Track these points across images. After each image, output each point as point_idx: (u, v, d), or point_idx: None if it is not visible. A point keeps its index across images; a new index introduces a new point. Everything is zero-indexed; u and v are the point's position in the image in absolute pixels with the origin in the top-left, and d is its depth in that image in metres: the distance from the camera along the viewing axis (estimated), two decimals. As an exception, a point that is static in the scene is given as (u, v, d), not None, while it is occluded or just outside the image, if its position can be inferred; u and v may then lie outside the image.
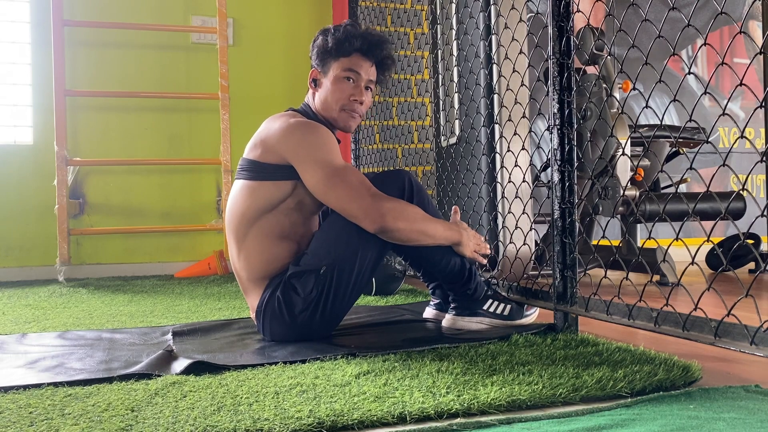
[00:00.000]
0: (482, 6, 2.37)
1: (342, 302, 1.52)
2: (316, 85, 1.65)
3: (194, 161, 3.73)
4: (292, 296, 1.50)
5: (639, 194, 2.68)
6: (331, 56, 1.62)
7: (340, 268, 1.49)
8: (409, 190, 1.58)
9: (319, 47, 1.64)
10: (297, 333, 1.52)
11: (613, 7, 1.53)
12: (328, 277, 1.48)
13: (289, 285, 1.50)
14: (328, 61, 1.63)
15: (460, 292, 1.68)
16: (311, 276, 1.49)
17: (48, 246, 3.49)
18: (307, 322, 1.51)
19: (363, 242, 1.50)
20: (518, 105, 2.05)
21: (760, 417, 0.95)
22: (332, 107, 1.62)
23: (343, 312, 1.55)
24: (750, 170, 1.20)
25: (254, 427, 0.92)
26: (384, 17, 3.75)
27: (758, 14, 4.36)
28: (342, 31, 1.61)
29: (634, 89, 1.45)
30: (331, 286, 1.49)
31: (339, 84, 1.61)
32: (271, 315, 1.52)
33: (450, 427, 0.93)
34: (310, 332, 1.53)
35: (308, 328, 1.52)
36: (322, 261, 1.49)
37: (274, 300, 1.51)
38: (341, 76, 1.61)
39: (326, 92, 1.62)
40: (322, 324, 1.53)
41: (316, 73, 1.65)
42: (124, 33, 3.69)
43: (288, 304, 1.50)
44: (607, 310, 1.45)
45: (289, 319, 1.50)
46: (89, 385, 1.19)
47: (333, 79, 1.61)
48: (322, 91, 1.63)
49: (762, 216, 1.05)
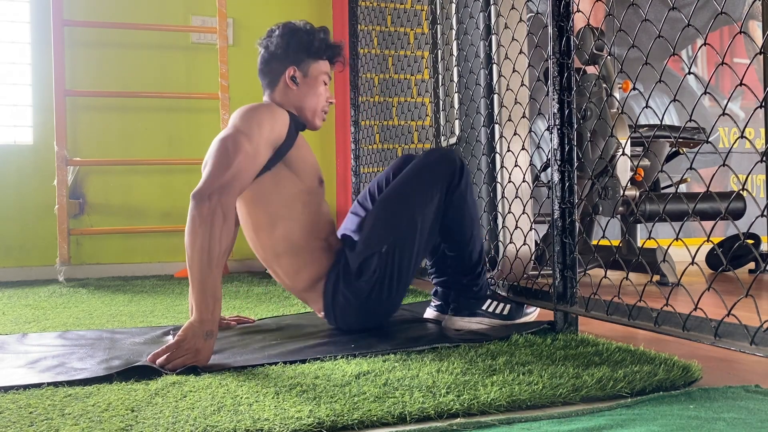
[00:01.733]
0: (482, 6, 2.37)
1: (406, 276, 1.59)
2: (295, 83, 1.66)
3: (194, 161, 3.72)
4: (356, 285, 1.55)
5: (639, 194, 2.68)
6: (311, 57, 1.66)
7: (401, 246, 1.55)
8: (459, 173, 1.60)
9: (298, 44, 1.65)
10: (370, 316, 1.61)
11: (613, 7, 1.53)
12: (390, 254, 1.55)
13: (351, 274, 1.55)
14: (305, 61, 1.66)
15: (466, 287, 1.69)
16: (373, 258, 1.54)
17: (48, 246, 3.49)
18: (377, 301, 1.57)
19: (421, 216, 1.56)
20: (518, 105, 2.05)
21: (760, 417, 0.95)
22: (315, 107, 1.67)
23: (407, 286, 1.61)
24: (750, 170, 1.20)
25: (254, 427, 0.92)
26: (384, 17, 3.75)
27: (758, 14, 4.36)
28: (321, 38, 1.67)
29: (634, 89, 1.45)
30: (394, 263, 1.55)
31: (319, 87, 1.67)
32: (341, 311, 1.59)
33: (450, 427, 0.93)
34: (381, 311, 1.61)
35: (380, 308, 1.60)
36: (382, 241, 1.55)
37: (339, 296, 1.57)
38: (321, 79, 1.67)
39: (308, 92, 1.66)
40: (390, 301, 1.59)
41: (294, 70, 1.65)
42: (124, 33, 3.69)
43: (355, 293, 1.56)
44: (607, 310, 1.45)
45: (357, 305, 1.57)
46: (89, 385, 1.19)
47: (315, 80, 1.67)
48: (302, 90, 1.66)
49: (762, 216, 1.05)
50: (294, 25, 1.69)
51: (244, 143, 1.45)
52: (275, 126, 1.52)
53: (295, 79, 1.65)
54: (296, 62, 1.65)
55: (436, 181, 1.58)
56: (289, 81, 1.66)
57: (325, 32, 1.69)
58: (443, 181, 1.59)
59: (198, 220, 1.33)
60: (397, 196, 1.59)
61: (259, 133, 1.48)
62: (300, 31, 1.67)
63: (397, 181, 1.63)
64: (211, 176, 1.39)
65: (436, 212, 1.59)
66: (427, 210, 1.57)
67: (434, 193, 1.58)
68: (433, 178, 1.59)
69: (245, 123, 1.49)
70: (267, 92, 1.71)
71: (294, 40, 1.65)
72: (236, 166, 1.42)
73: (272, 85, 1.68)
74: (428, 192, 1.58)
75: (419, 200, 1.57)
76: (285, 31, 1.66)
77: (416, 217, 1.56)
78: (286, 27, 1.67)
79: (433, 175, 1.59)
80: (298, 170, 1.59)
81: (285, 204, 1.57)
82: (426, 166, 1.61)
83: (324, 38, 1.68)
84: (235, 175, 1.41)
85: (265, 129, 1.50)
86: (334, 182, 4.02)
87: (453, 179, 1.59)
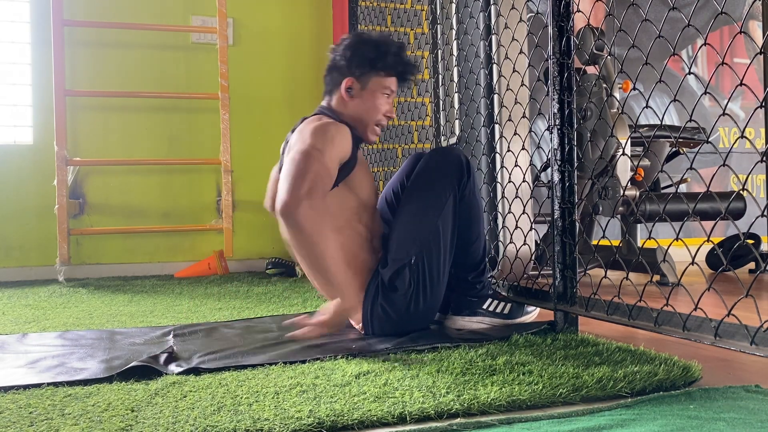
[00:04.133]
0: (482, 6, 2.36)
1: (439, 282, 1.59)
2: (351, 95, 1.66)
3: (194, 161, 3.73)
4: (393, 297, 1.56)
5: (639, 194, 2.68)
6: (374, 70, 1.65)
7: (428, 253, 1.56)
8: (467, 167, 1.62)
9: (362, 57, 1.64)
10: (409, 326, 1.59)
11: (613, 7, 1.53)
12: (420, 264, 1.56)
13: (387, 288, 1.56)
14: (368, 73, 1.65)
15: (470, 285, 1.69)
16: (404, 270, 1.55)
17: (48, 246, 3.48)
18: (415, 312, 1.57)
19: (441, 219, 1.57)
20: (518, 105, 2.05)
21: (760, 417, 0.95)
22: (367, 121, 1.67)
23: (442, 290, 1.62)
24: (750, 170, 1.20)
25: (254, 427, 0.92)
26: (384, 17, 3.75)
27: (758, 14, 4.36)
28: (393, 52, 1.66)
29: (634, 89, 1.45)
30: (425, 272, 1.56)
31: (379, 99, 1.67)
32: (379, 322, 1.58)
33: (450, 427, 0.93)
34: (419, 320, 1.61)
35: (417, 317, 1.59)
36: (409, 252, 1.55)
37: (377, 308, 1.57)
38: (382, 93, 1.67)
39: (363, 105, 1.66)
40: (426, 309, 1.60)
41: (352, 82, 1.65)
42: (124, 33, 3.69)
43: (392, 305, 1.56)
44: (607, 310, 1.45)
45: (397, 318, 1.57)
46: (89, 385, 1.19)
47: (372, 94, 1.66)
48: (357, 102, 1.66)
49: (762, 216, 1.05)
50: (363, 37, 1.69)
51: (318, 157, 1.48)
52: (344, 143, 1.56)
53: (351, 91, 1.66)
54: (357, 74, 1.65)
55: (446, 182, 1.60)
56: (344, 92, 1.66)
57: (400, 48, 1.68)
58: (453, 181, 1.60)
59: (298, 235, 1.42)
60: (415, 205, 1.60)
61: (331, 148, 1.51)
62: (368, 43, 1.66)
63: (410, 189, 1.65)
64: (292, 187, 1.43)
65: (454, 212, 1.61)
66: (445, 213, 1.58)
67: (447, 195, 1.59)
68: (443, 181, 1.60)
69: (318, 139, 1.51)
70: (326, 98, 1.72)
71: (358, 52, 1.65)
72: (313, 175, 1.45)
73: (331, 92, 1.70)
74: (441, 195, 1.59)
75: (436, 205, 1.58)
76: (351, 43, 1.67)
77: (437, 222, 1.58)
78: (354, 38, 1.68)
79: (442, 177, 1.61)
80: (360, 186, 1.63)
81: (345, 217, 1.60)
82: (434, 169, 1.62)
83: (396, 53, 1.67)
84: (315, 182, 1.45)
85: (336, 145, 1.53)
86: (334, 182, 4.01)
87: (462, 177, 1.61)
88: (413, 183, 1.64)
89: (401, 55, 1.68)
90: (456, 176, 1.60)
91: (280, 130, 3.96)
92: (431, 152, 1.68)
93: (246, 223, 3.80)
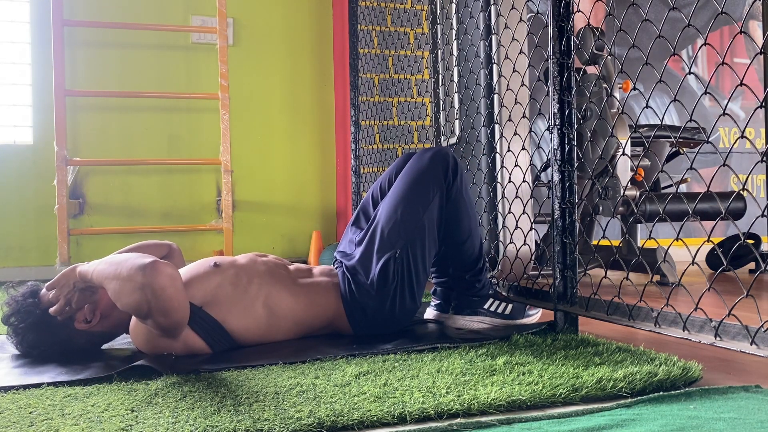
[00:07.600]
0: (482, 6, 2.37)
1: (421, 277, 1.60)
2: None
3: (194, 161, 3.73)
4: (379, 294, 1.55)
5: (639, 194, 2.68)
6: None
7: (413, 247, 1.57)
8: (453, 167, 1.63)
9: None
10: (396, 321, 1.60)
11: (613, 7, 1.53)
12: (405, 258, 1.56)
13: (366, 288, 1.55)
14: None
15: (469, 285, 1.69)
16: (389, 263, 1.55)
17: (48, 246, 3.48)
18: (401, 307, 1.58)
19: (427, 216, 1.59)
20: (518, 105, 2.05)
21: (760, 417, 0.95)
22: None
23: (423, 287, 1.63)
24: (750, 170, 1.20)
25: (254, 427, 0.92)
26: (384, 17, 3.75)
27: (758, 14, 4.36)
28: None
29: (634, 89, 1.45)
30: (410, 266, 1.57)
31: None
32: (368, 324, 1.58)
33: (450, 427, 0.93)
34: (405, 315, 1.61)
35: (403, 312, 1.60)
36: (395, 245, 1.56)
37: (361, 311, 1.57)
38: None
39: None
40: (412, 304, 1.60)
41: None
42: (124, 33, 3.69)
43: (378, 303, 1.56)
44: (607, 310, 1.45)
45: (386, 314, 1.57)
46: (89, 385, 1.19)
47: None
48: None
49: (762, 216, 1.05)
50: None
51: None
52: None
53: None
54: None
55: (432, 181, 1.61)
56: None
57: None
58: (439, 179, 1.61)
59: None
60: (401, 201, 1.60)
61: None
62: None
63: (397, 185, 1.66)
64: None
65: (440, 210, 1.61)
66: (429, 210, 1.59)
67: (433, 193, 1.60)
68: (429, 179, 1.61)
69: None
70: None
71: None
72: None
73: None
74: (427, 193, 1.60)
75: (421, 201, 1.59)
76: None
77: (422, 218, 1.58)
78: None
79: (429, 175, 1.62)
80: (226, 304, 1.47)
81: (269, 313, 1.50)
82: (421, 167, 1.64)
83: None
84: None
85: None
86: (334, 182, 4.02)
87: (447, 176, 1.62)
88: (401, 180, 1.65)
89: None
90: (441, 176, 1.62)
91: (280, 130, 3.98)
92: (421, 151, 1.69)
93: (246, 223, 3.80)
